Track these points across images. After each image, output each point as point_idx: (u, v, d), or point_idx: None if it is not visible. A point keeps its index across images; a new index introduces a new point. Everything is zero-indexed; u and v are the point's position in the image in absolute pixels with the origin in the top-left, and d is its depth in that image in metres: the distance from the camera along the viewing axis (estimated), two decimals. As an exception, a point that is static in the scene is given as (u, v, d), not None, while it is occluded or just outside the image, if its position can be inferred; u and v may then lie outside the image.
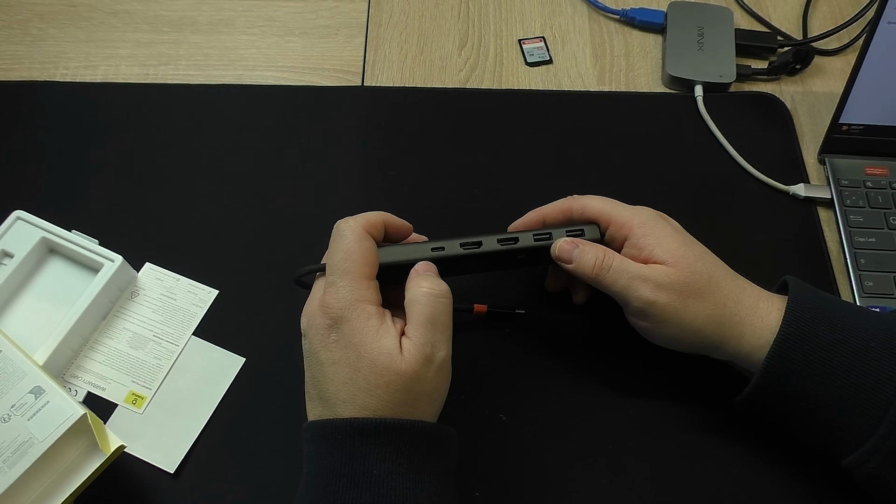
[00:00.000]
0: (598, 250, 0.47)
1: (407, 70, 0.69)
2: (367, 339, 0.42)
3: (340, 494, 0.40)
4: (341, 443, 0.41)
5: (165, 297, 0.56)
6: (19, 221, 0.56)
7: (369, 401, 0.42)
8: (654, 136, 0.65)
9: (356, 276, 0.43)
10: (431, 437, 0.43)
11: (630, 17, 0.72)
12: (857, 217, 0.60)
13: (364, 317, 0.42)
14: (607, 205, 0.49)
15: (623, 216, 0.48)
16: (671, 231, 0.48)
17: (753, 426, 0.50)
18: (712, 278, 0.47)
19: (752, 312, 0.46)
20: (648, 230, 0.47)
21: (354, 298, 0.43)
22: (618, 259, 0.47)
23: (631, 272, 0.46)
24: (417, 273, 0.45)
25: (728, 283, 0.47)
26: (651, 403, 0.52)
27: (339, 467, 0.41)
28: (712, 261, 0.48)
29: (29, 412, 0.45)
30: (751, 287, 0.48)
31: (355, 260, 0.44)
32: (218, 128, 0.65)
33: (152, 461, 0.50)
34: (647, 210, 0.49)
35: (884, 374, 0.43)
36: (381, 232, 0.47)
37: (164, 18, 0.72)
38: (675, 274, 0.46)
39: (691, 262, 0.46)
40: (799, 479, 0.50)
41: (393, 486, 0.40)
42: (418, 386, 0.42)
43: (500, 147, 0.64)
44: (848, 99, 0.60)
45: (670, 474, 0.50)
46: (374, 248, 0.45)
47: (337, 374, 0.42)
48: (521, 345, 0.55)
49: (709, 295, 0.46)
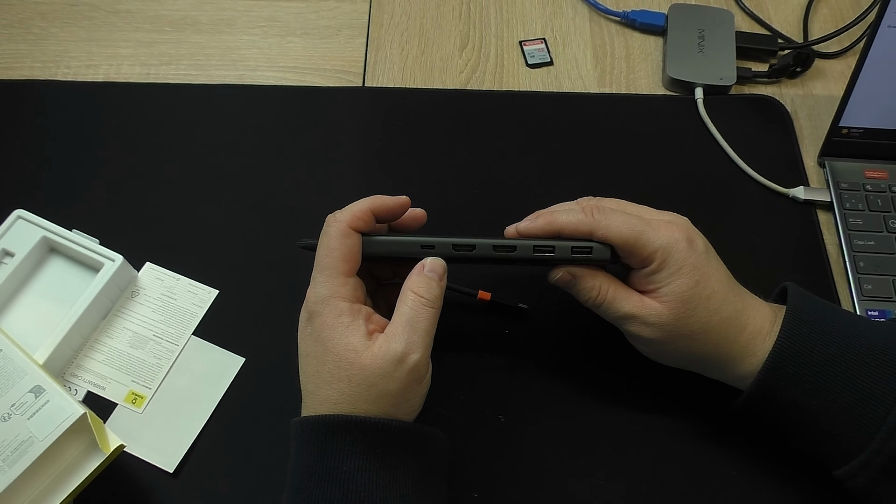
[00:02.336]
0: (594, 285, 0.47)
1: (408, 71, 0.69)
2: (335, 334, 0.43)
3: (312, 490, 0.41)
4: (314, 439, 0.42)
5: (166, 296, 0.57)
6: (20, 220, 0.56)
7: (330, 393, 0.43)
8: (655, 139, 0.65)
9: (333, 273, 0.44)
10: (407, 436, 0.43)
11: (631, 19, 0.72)
12: (856, 220, 0.60)
13: (335, 313, 0.43)
14: (633, 232, 0.45)
15: (645, 249, 0.45)
16: (688, 269, 0.45)
17: (751, 430, 0.50)
18: (709, 324, 0.45)
19: (746, 350, 0.46)
20: (664, 267, 0.45)
21: (328, 294, 0.44)
22: (612, 293, 0.47)
23: (623, 310, 0.46)
24: (420, 269, 0.45)
25: (727, 325, 0.46)
26: (650, 406, 0.52)
27: (311, 464, 0.42)
28: (719, 303, 0.45)
29: (29, 411, 0.45)
30: (754, 321, 0.46)
31: (334, 257, 0.45)
32: (219, 128, 0.65)
33: (152, 461, 0.51)
34: (671, 236, 0.45)
35: (878, 391, 0.43)
36: (370, 221, 0.46)
37: (166, 18, 0.72)
38: (666, 316, 0.45)
39: (690, 308, 0.45)
40: (795, 483, 0.50)
41: (363, 483, 0.41)
42: (382, 383, 0.42)
43: (501, 149, 0.64)
44: (848, 102, 0.60)
45: (669, 477, 0.50)
46: (357, 244, 0.45)
47: (308, 367, 0.44)
48: (521, 345, 0.55)
49: (701, 337, 0.46)
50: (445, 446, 0.46)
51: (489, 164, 0.63)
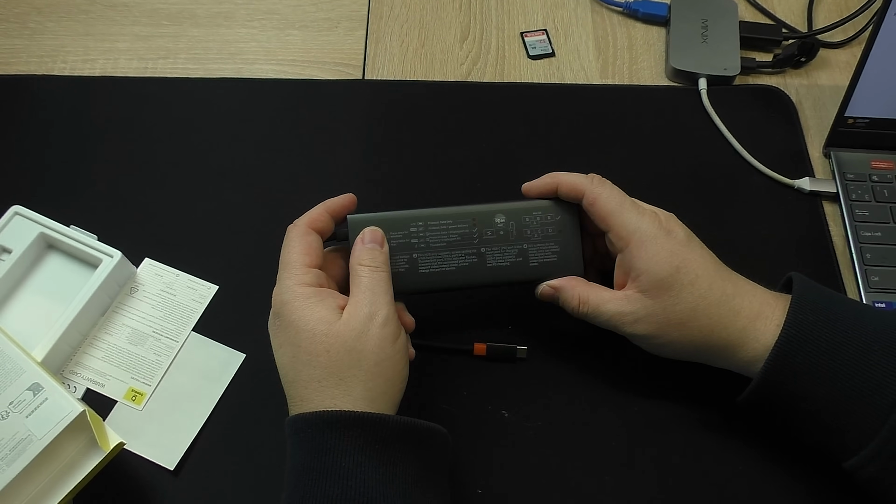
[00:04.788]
0: (574, 294, 0.49)
1: (408, 63, 0.68)
2: (305, 313, 0.44)
3: (310, 487, 0.41)
4: (311, 436, 0.42)
5: (165, 292, 0.56)
6: (17, 217, 0.55)
7: (313, 372, 0.43)
8: (658, 130, 0.64)
9: (294, 265, 0.46)
10: (406, 431, 0.43)
11: (633, 10, 0.71)
12: (862, 211, 0.59)
13: (302, 297, 0.44)
14: (615, 209, 0.48)
15: (624, 228, 0.47)
16: (666, 255, 0.46)
17: (757, 423, 0.49)
18: (697, 308, 0.46)
19: (745, 334, 0.45)
20: (642, 251, 0.46)
21: (292, 283, 0.45)
22: (594, 300, 0.48)
23: (609, 311, 0.47)
24: (360, 243, 0.47)
25: (717, 309, 0.46)
26: (654, 400, 0.52)
27: (309, 461, 0.42)
28: (704, 288, 0.46)
29: (27, 409, 0.45)
30: (749, 304, 0.46)
31: (296, 252, 0.46)
32: (217, 122, 0.64)
33: (152, 458, 0.50)
34: (652, 222, 0.47)
35: (886, 378, 0.43)
36: (328, 222, 0.48)
37: (163, 11, 0.71)
38: (652, 307, 0.46)
39: (674, 294, 0.46)
40: (803, 476, 0.49)
41: (362, 478, 0.40)
42: (359, 344, 0.43)
43: (502, 141, 0.64)
44: (853, 92, 0.59)
45: (674, 471, 0.50)
46: (318, 240, 0.47)
47: (284, 356, 0.45)
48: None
49: (692, 324, 0.46)
50: (447, 442, 0.45)
51: (490, 157, 0.63)
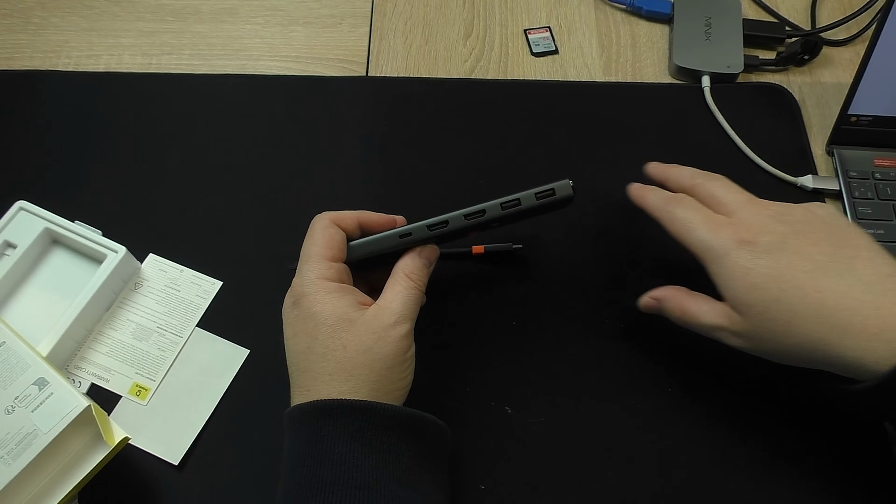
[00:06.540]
0: (676, 306, 0.48)
1: (411, 60, 0.68)
2: (327, 307, 0.44)
3: (305, 474, 0.41)
4: (307, 425, 0.42)
5: (169, 288, 0.56)
6: (22, 212, 0.56)
7: (325, 365, 0.43)
8: (661, 128, 0.64)
9: (318, 258, 0.45)
10: (397, 419, 0.43)
11: (637, 7, 0.71)
12: (865, 209, 0.59)
13: (324, 290, 0.44)
14: (681, 231, 0.47)
15: (695, 248, 0.46)
16: (741, 273, 0.43)
17: (762, 418, 0.50)
18: (792, 322, 0.42)
19: (864, 352, 0.40)
20: (717, 269, 0.45)
21: (315, 276, 0.45)
22: (694, 311, 0.47)
23: (709, 324, 0.46)
24: (415, 253, 0.47)
25: (817, 325, 0.41)
26: (657, 395, 0.52)
27: (304, 449, 0.42)
28: (795, 299, 0.42)
29: (33, 404, 0.45)
30: (862, 321, 0.40)
31: (319, 244, 0.46)
32: (221, 118, 0.64)
33: (156, 453, 0.50)
34: (727, 239, 0.44)
35: None
36: (355, 228, 0.48)
37: (168, 7, 0.71)
38: (743, 323, 0.44)
39: (762, 311, 0.43)
40: (808, 472, 0.49)
41: (355, 464, 0.41)
42: (378, 346, 0.43)
43: (506, 138, 0.64)
44: (857, 90, 0.59)
45: (677, 466, 0.50)
46: (341, 234, 0.47)
47: (297, 345, 0.44)
48: (526, 337, 0.54)
49: (787, 341, 0.43)
50: (445, 434, 0.45)
51: (494, 154, 0.63)
